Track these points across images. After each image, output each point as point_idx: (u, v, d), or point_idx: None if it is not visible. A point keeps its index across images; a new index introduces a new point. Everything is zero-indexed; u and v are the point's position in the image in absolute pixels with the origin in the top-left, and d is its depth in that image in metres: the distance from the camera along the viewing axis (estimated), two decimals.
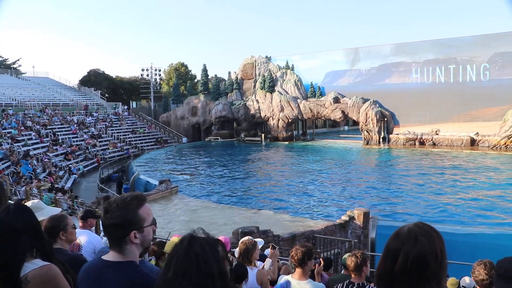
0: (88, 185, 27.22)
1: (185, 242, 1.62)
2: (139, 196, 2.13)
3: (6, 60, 68.77)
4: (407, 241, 1.57)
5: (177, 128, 55.68)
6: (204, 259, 1.57)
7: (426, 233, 1.59)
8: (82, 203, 15.84)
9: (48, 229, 3.36)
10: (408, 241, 1.57)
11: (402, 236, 1.60)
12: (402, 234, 1.61)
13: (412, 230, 1.61)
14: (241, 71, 56.26)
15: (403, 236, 1.60)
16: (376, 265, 1.70)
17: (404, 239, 1.59)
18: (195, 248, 1.59)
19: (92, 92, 58.00)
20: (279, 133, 50.86)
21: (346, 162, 34.12)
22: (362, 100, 44.52)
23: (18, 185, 19.33)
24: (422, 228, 1.61)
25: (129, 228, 2.03)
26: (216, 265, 1.59)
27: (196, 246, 1.60)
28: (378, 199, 21.28)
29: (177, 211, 16.98)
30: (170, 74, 73.10)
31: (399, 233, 1.62)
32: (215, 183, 26.25)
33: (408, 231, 1.61)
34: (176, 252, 1.61)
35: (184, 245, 1.61)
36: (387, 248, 1.63)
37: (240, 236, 9.44)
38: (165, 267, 1.62)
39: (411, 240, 1.57)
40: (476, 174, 26.91)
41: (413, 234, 1.59)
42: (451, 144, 38.84)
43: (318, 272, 5.07)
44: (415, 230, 1.60)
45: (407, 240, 1.58)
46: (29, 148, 29.60)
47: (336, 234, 13.51)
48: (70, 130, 40.03)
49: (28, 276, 2.04)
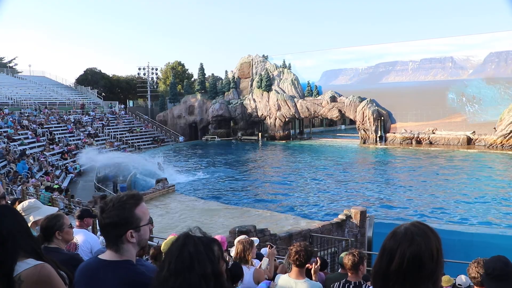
0: (85, 184, 27.13)
1: (179, 241, 1.63)
2: (136, 195, 2.13)
3: (2, 59, 68.52)
4: (403, 240, 1.57)
5: (174, 127, 55.64)
6: (198, 259, 1.57)
7: (422, 233, 1.59)
8: (78, 202, 15.80)
9: (44, 229, 3.36)
10: (404, 240, 1.57)
11: (398, 235, 1.60)
12: (398, 233, 1.61)
13: (408, 229, 1.61)
14: (238, 70, 56.24)
15: (400, 235, 1.59)
16: (373, 264, 1.70)
17: (400, 239, 1.58)
18: (189, 247, 1.60)
19: (89, 91, 57.90)
20: (276, 132, 50.89)
21: (343, 161, 34.17)
22: (359, 99, 44.61)
23: (15, 184, 19.27)
24: (418, 228, 1.61)
25: (125, 227, 2.03)
26: (211, 265, 1.59)
27: (190, 245, 1.60)
28: (375, 198, 21.32)
29: (174, 210, 16.96)
30: (167, 73, 72.96)
31: (396, 233, 1.62)
32: (212, 182, 26.23)
33: (405, 230, 1.61)
34: (170, 251, 1.62)
35: (178, 244, 1.62)
36: (383, 247, 1.63)
37: (237, 235, 9.44)
38: (160, 266, 1.63)
39: (407, 239, 1.57)
40: (472, 173, 27.00)
41: (410, 233, 1.58)
42: (448, 143, 38.95)
43: (315, 271, 5.07)
44: (412, 230, 1.60)
45: (404, 240, 1.57)
46: (26, 147, 29.49)
47: (333, 233, 13.53)
48: (67, 129, 39.92)
49: (21, 275, 2.03)
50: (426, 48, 42.56)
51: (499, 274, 2.38)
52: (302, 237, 12.55)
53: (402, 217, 17.39)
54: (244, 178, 28.11)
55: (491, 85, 38.22)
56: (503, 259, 2.50)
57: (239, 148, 46.10)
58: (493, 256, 2.50)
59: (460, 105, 39.75)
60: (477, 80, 39.30)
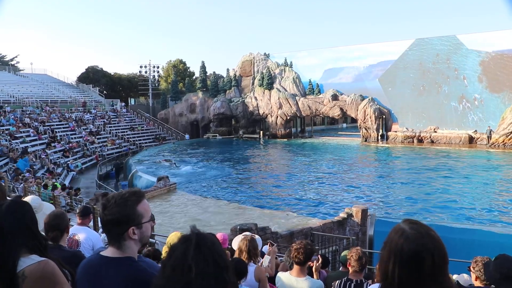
0: (86, 182, 27.20)
1: (193, 241, 1.56)
2: (137, 192, 2.13)
3: (4, 57, 68.67)
4: (405, 241, 1.57)
5: (176, 125, 55.68)
6: (215, 255, 1.51)
7: (423, 234, 1.59)
8: (80, 200, 15.83)
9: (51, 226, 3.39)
10: (406, 241, 1.57)
11: (399, 235, 1.60)
12: (403, 233, 1.61)
13: (407, 229, 1.61)
14: (240, 68, 56.19)
15: (419, 237, 1.58)
16: (375, 263, 1.70)
17: (402, 239, 1.58)
18: (203, 248, 1.51)
19: (90, 89, 57.96)
20: (277, 130, 50.86)
21: (344, 160, 34.15)
22: (361, 98, 44.56)
23: (16, 182, 19.33)
24: (418, 229, 1.61)
25: (127, 224, 2.03)
26: (221, 261, 1.55)
27: (205, 246, 1.52)
28: (376, 196, 21.31)
29: (175, 208, 16.98)
30: (168, 71, 72.99)
31: (398, 232, 1.62)
32: (213, 180, 26.24)
33: (407, 230, 1.60)
34: (173, 252, 1.56)
35: (192, 244, 1.52)
36: (388, 248, 1.62)
37: (238, 232, 9.45)
38: (162, 265, 1.58)
39: (408, 240, 1.57)
40: (474, 172, 26.96)
41: (427, 234, 1.59)
42: (449, 142, 38.86)
43: (316, 269, 5.08)
44: (412, 231, 1.60)
45: (405, 240, 1.57)
46: (27, 145, 29.56)
47: (334, 231, 13.53)
48: (68, 127, 39.98)
49: (25, 271, 2.04)
50: (429, 46, 42.33)
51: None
52: (303, 235, 12.55)
53: (403, 215, 17.38)
54: (245, 176, 28.12)
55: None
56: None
57: (240, 146, 46.08)
58: (500, 255, 2.48)
59: (462, 104, 39.67)
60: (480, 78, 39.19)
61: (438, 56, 41.31)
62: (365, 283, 4.25)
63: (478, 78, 38.95)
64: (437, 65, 41.35)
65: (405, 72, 43.33)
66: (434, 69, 41.45)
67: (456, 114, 39.98)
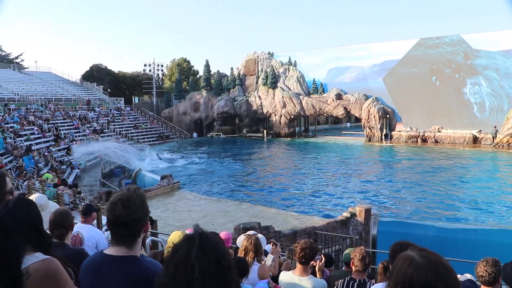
0: (90, 179, 27.24)
1: (196, 240, 1.55)
2: (139, 187, 2.20)
3: (9, 55, 68.87)
4: (415, 270, 1.43)
5: (179, 123, 55.72)
6: (220, 255, 1.51)
7: (434, 262, 1.45)
8: (83, 198, 15.87)
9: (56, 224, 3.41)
10: (416, 270, 1.43)
11: (408, 264, 1.46)
12: (412, 261, 1.46)
13: (416, 257, 1.47)
14: (244, 67, 56.17)
15: (409, 264, 1.46)
16: (378, 263, 1.67)
17: (412, 267, 1.44)
18: (206, 249, 1.50)
19: (95, 87, 58.08)
20: (281, 129, 50.82)
21: (348, 159, 34.09)
22: (365, 97, 44.45)
23: (20, 179, 19.41)
24: (428, 257, 1.47)
25: (145, 220, 2.09)
26: (228, 258, 1.54)
27: (208, 246, 1.52)
28: (380, 196, 21.26)
29: (178, 206, 17.00)
30: (172, 70, 73.05)
31: (406, 260, 1.48)
32: (216, 179, 26.26)
33: (416, 258, 1.46)
34: (176, 251, 1.56)
35: (195, 243, 1.51)
36: (395, 278, 1.48)
37: (241, 231, 9.46)
38: (166, 264, 1.58)
39: (419, 269, 1.43)
40: (479, 172, 26.86)
41: (418, 262, 1.45)
42: (454, 142, 38.72)
43: (319, 268, 5.08)
44: (422, 258, 1.46)
45: (415, 269, 1.43)
46: (31, 143, 29.66)
47: (337, 230, 13.51)
48: (73, 125, 40.10)
49: (29, 269, 2.04)
50: (433, 46, 42.20)
51: None
52: (307, 235, 12.55)
53: (407, 215, 17.35)
54: (248, 174, 28.12)
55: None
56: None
57: (244, 145, 46.09)
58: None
59: (466, 104, 39.55)
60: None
61: (443, 56, 41.21)
62: (368, 283, 4.25)
63: (482, 77, 38.85)
64: (441, 64, 41.25)
65: (409, 71, 43.23)
66: (438, 68, 41.33)
67: (460, 114, 39.89)
